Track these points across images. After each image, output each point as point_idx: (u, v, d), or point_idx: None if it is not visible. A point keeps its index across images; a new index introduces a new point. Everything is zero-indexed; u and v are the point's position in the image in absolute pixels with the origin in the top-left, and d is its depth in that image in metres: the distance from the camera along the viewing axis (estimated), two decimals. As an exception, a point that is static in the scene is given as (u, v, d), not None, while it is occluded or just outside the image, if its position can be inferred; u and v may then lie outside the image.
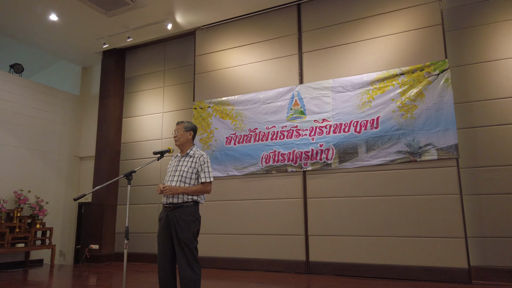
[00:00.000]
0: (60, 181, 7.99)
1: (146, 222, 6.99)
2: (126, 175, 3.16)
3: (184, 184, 3.11)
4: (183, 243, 2.98)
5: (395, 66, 5.36)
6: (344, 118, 5.53)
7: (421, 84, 5.14)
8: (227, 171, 6.24)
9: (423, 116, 5.06)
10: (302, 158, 5.71)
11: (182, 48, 7.47)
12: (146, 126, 7.52)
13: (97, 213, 7.29)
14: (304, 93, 5.89)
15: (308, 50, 6.05)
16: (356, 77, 5.56)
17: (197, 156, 3.24)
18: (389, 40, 5.50)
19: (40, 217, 6.94)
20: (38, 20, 6.72)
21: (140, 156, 7.43)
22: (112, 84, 7.76)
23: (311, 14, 6.12)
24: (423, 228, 4.86)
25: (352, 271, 5.15)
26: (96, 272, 6.09)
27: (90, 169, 8.05)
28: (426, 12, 5.31)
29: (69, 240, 8.07)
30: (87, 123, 8.53)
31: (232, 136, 6.36)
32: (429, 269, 4.74)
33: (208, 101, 6.66)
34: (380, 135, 5.26)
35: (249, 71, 6.46)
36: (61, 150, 8.07)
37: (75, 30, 7.09)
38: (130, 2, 6.17)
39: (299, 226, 5.61)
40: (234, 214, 6.12)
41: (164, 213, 3.14)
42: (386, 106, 5.31)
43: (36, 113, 7.61)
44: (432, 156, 4.93)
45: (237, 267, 5.90)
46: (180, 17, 6.70)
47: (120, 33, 7.16)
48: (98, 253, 7.06)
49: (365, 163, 5.29)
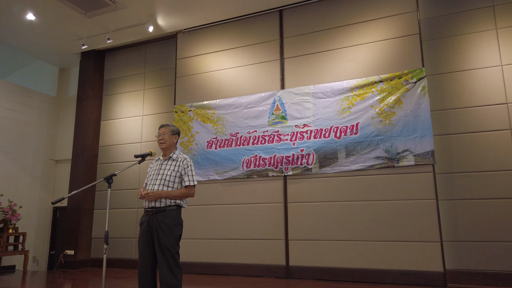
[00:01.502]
0: (35, 185, 7.75)
1: (124, 227, 6.86)
2: (106, 179, 3.10)
3: (167, 188, 3.08)
4: (165, 248, 2.95)
5: (374, 74, 5.48)
6: (324, 123, 5.61)
7: (399, 91, 5.26)
8: (208, 175, 6.20)
9: (401, 122, 5.18)
10: (283, 163, 5.75)
11: (163, 51, 7.41)
12: (125, 129, 7.40)
13: (73, 218, 7.10)
14: (285, 98, 5.94)
15: (289, 56, 6.11)
16: (337, 83, 5.65)
17: (181, 160, 3.22)
18: (368, 48, 5.62)
19: (12, 222, 6.70)
20: (14, 19, 6.54)
21: (119, 159, 7.29)
22: (90, 86, 7.61)
23: (293, 20, 6.19)
24: (400, 232, 4.96)
25: (331, 275, 5.19)
26: (71, 279, 5.93)
27: (66, 172, 7.85)
28: (404, 21, 5.46)
29: (43, 246, 7.83)
30: (63, 125, 8.33)
31: (213, 140, 6.34)
32: (405, 272, 4.84)
33: (189, 105, 6.62)
34: (359, 140, 5.36)
35: (231, 75, 6.47)
36: (36, 153, 7.84)
37: (53, 30, 6.93)
38: (110, 3, 6.08)
39: (280, 231, 5.63)
40: (214, 218, 6.08)
41: (145, 217, 3.09)
42: (365, 113, 5.41)
43: (10, 115, 7.38)
44: (409, 162, 5.05)
45: (217, 272, 5.86)
46: (162, 20, 6.66)
47: (99, 35, 7.04)
48: (73, 258, 6.87)
49: (344, 168, 5.37)
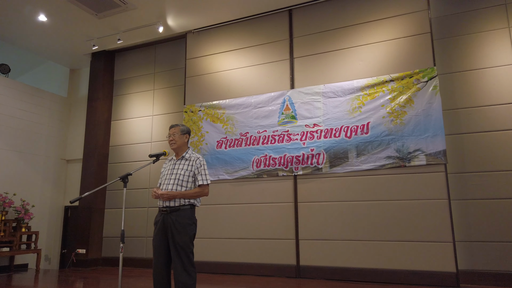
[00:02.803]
0: (47, 184, 7.84)
1: (135, 226, 6.90)
2: (122, 178, 3.13)
3: (181, 187, 3.11)
4: (179, 247, 2.97)
5: (385, 73, 5.46)
6: (334, 123, 5.59)
7: (410, 90, 5.24)
8: (218, 175, 6.22)
9: (412, 122, 5.16)
10: (293, 163, 5.75)
11: (173, 51, 7.45)
12: (136, 129, 7.45)
13: (84, 217, 7.17)
14: (295, 98, 5.94)
15: (299, 55, 6.11)
16: (347, 83, 5.64)
17: (193, 159, 3.24)
18: (379, 47, 5.59)
19: (25, 221, 6.79)
20: (27, 20, 6.62)
21: (129, 159, 7.35)
22: (101, 86, 7.68)
23: (303, 20, 6.19)
24: (412, 232, 4.94)
25: (342, 275, 5.19)
26: (82, 277, 5.99)
27: (77, 172, 7.93)
28: (415, 20, 5.43)
29: (54, 245, 7.91)
30: (74, 125, 8.41)
31: (223, 140, 6.36)
32: (417, 273, 4.82)
33: (199, 105, 6.65)
34: (370, 140, 5.34)
35: (240, 75, 6.48)
36: (48, 153, 7.93)
37: (64, 31, 7.00)
38: (121, 4, 6.13)
39: (290, 230, 5.63)
40: (224, 218, 6.10)
41: (160, 216, 3.12)
42: (376, 112, 5.39)
43: (22, 115, 7.47)
44: (420, 161, 5.02)
45: (228, 271, 5.88)
46: (172, 20, 6.69)
47: (110, 35, 7.09)
48: (85, 257, 6.94)
49: (355, 168, 5.36)
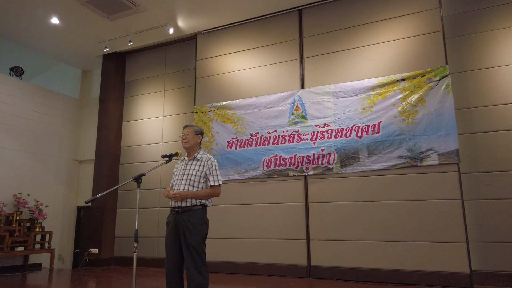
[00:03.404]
0: (59, 185, 7.95)
1: (146, 226, 6.96)
2: (135, 178, 3.16)
3: (192, 187, 3.13)
4: (192, 247, 2.99)
5: (396, 72, 5.42)
6: (345, 123, 5.57)
7: (422, 89, 5.19)
8: (228, 175, 6.24)
9: (424, 121, 5.11)
10: (304, 163, 5.74)
11: (183, 52, 7.50)
12: (147, 130, 7.52)
13: (96, 217, 7.26)
14: (305, 98, 5.93)
15: (309, 55, 6.10)
16: (357, 82, 5.61)
17: (205, 160, 3.26)
18: (390, 46, 5.55)
19: (39, 221, 6.90)
20: (39, 23, 6.72)
21: (141, 160, 7.42)
22: (112, 87, 7.76)
23: (313, 19, 6.18)
24: (425, 232, 4.89)
25: (353, 276, 5.16)
26: (95, 276, 6.06)
27: (89, 172, 8.02)
28: (427, 19, 5.38)
29: (68, 244, 8.02)
30: (86, 126, 8.51)
31: (233, 140, 6.38)
32: (430, 273, 4.77)
33: (209, 105, 6.68)
34: (381, 140, 5.31)
35: (250, 75, 6.49)
36: (61, 154, 8.04)
37: (76, 33, 7.10)
38: (132, 6, 6.19)
39: (301, 231, 5.62)
40: (235, 218, 6.12)
41: (172, 216, 3.14)
42: (387, 111, 5.35)
43: (35, 116, 7.59)
44: (433, 161, 4.97)
45: (238, 271, 5.89)
46: (182, 22, 6.73)
47: (121, 37, 7.17)
48: (97, 257, 7.02)
49: (366, 167, 5.33)
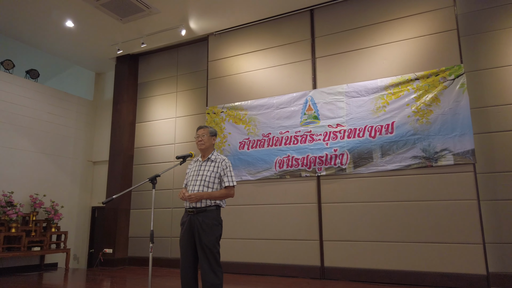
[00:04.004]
0: (74, 186, 8.07)
1: (159, 227, 7.01)
2: (151, 179, 3.19)
3: (207, 188, 3.15)
4: (206, 247, 3.01)
5: (409, 71, 5.37)
6: (358, 123, 5.54)
7: (437, 89, 5.13)
8: (241, 176, 6.25)
9: (438, 121, 5.05)
10: (316, 163, 5.72)
11: (195, 54, 7.54)
12: (159, 131, 7.58)
13: (110, 218, 7.34)
14: (317, 98, 5.91)
15: (321, 55, 6.08)
16: (370, 82, 5.57)
17: (219, 161, 3.28)
18: (403, 45, 5.50)
19: (55, 221, 7.01)
20: (54, 26, 6.84)
21: (154, 160, 7.48)
22: (125, 89, 7.85)
23: (325, 19, 6.16)
24: (440, 233, 4.83)
25: (367, 277, 5.13)
26: (110, 276, 6.13)
27: (103, 173, 8.13)
28: (441, 17, 5.31)
29: (82, 244, 8.13)
30: (100, 128, 8.62)
31: (245, 141, 6.39)
32: (446, 275, 4.71)
33: (221, 106, 6.70)
34: (395, 140, 5.26)
35: (262, 76, 6.50)
36: (75, 155, 8.16)
37: (90, 36, 7.20)
38: (145, 8, 6.25)
39: (314, 231, 5.61)
40: (247, 218, 6.13)
41: (187, 217, 3.17)
42: (401, 111, 5.31)
43: (51, 118, 7.72)
44: (448, 161, 4.91)
45: (251, 272, 5.90)
46: (194, 23, 6.77)
47: (134, 39, 7.25)
48: (112, 257, 7.11)
49: (380, 168, 5.29)
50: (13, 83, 7.12)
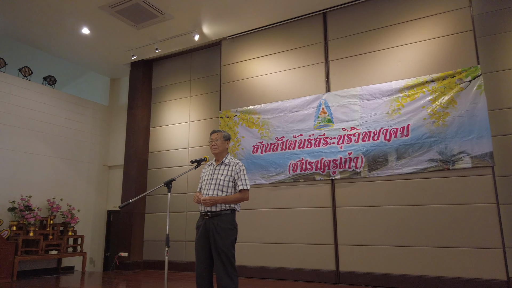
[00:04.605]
0: (90, 190, 8.19)
1: (173, 230, 7.04)
2: (166, 183, 3.21)
3: (221, 192, 3.15)
4: (221, 251, 3.01)
5: (425, 73, 5.30)
6: (373, 126, 5.49)
7: (453, 91, 5.05)
8: (254, 180, 6.25)
9: (455, 123, 4.97)
10: (330, 167, 5.68)
11: (208, 59, 7.60)
12: (173, 135, 7.64)
13: (125, 221, 7.42)
14: (331, 101, 5.88)
15: (334, 58, 6.05)
16: (385, 84, 5.52)
17: (233, 164, 3.28)
18: (418, 47, 5.44)
19: (72, 225, 7.11)
20: (71, 33, 6.97)
21: (168, 164, 7.54)
22: (140, 94, 7.94)
23: (337, 22, 6.13)
24: (458, 238, 4.74)
25: (384, 282, 5.05)
26: (125, 279, 6.19)
27: (118, 177, 8.22)
28: (456, 18, 5.24)
29: (98, 248, 8.23)
30: (115, 132, 8.74)
31: (258, 145, 6.39)
32: (465, 280, 4.61)
33: (234, 110, 6.73)
34: (411, 143, 5.19)
35: (275, 80, 6.50)
36: (91, 159, 8.28)
37: (105, 42, 7.32)
38: (159, 14, 6.32)
39: (328, 235, 5.56)
40: (261, 222, 6.12)
41: (202, 221, 3.18)
42: (416, 114, 5.24)
43: (67, 123, 7.86)
44: (466, 164, 4.82)
45: (266, 276, 5.88)
46: (207, 28, 6.83)
47: (148, 45, 7.34)
48: (127, 260, 7.17)
49: (396, 171, 5.22)
50: (31, 89, 7.28)
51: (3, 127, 6.71)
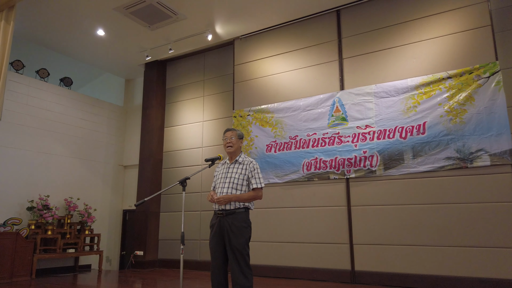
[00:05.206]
0: (106, 189, 8.30)
1: (188, 229, 7.07)
2: (181, 182, 3.23)
3: (235, 191, 3.16)
4: (236, 250, 3.01)
5: (441, 70, 5.21)
6: (388, 124, 5.42)
7: (470, 87, 4.95)
8: (268, 179, 6.24)
9: (473, 120, 4.87)
10: (345, 165, 5.63)
11: (221, 58, 7.61)
12: (187, 135, 7.69)
13: (141, 220, 7.50)
14: (345, 99, 5.83)
15: (348, 56, 6.00)
16: (400, 81, 5.45)
17: (247, 163, 3.28)
18: (434, 43, 5.35)
19: (88, 224, 7.22)
20: (86, 35, 7.07)
21: (182, 164, 7.59)
22: (154, 94, 8.02)
23: (351, 19, 6.07)
24: (476, 237, 4.65)
25: (400, 282, 4.98)
26: (141, 278, 6.25)
27: (133, 177, 8.31)
28: (474, 13, 5.13)
29: (114, 246, 8.33)
30: (130, 133, 8.84)
31: (272, 144, 6.38)
32: (484, 280, 4.51)
33: (247, 109, 6.73)
34: (427, 140, 5.11)
35: (288, 78, 6.48)
36: (107, 159, 8.39)
37: (120, 44, 7.40)
38: (172, 15, 6.37)
39: (343, 235, 5.51)
40: (275, 221, 6.10)
41: (216, 219, 3.18)
42: (433, 111, 5.15)
43: (83, 124, 7.98)
44: (484, 162, 4.72)
45: (280, 275, 5.86)
46: (220, 28, 6.84)
47: (162, 46, 7.39)
48: (143, 259, 7.24)
49: (412, 170, 5.14)
50: (48, 90, 7.42)
51: (22, 128, 6.86)
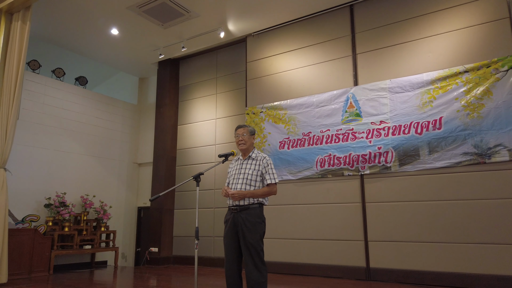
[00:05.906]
0: (121, 187, 8.40)
1: (202, 226, 7.11)
2: (195, 177, 3.24)
3: (249, 186, 3.15)
4: (250, 245, 3.01)
5: (457, 64, 5.11)
6: (403, 119, 5.34)
7: (488, 81, 4.84)
8: (281, 176, 6.22)
9: (491, 115, 4.76)
10: (359, 162, 5.57)
11: (234, 55, 7.62)
12: (200, 132, 7.72)
13: (155, 217, 7.57)
14: (359, 95, 5.77)
15: (362, 51, 5.93)
16: (415, 76, 5.36)
17: (260, 159, 3.27)
18: (450, 37, 5.25)
19: (104, 221, 7.32)
20: (100, 35, 7.15)
21: (195, 161, 7.63)
22: (167, 93, 8.07)
23: (365, 14, 6.00)
24: (495, 234, 4.55)
25: (416, 279, 4.92)
26: (156, 274, 6.31)
27: (148, 175, 8.40)
28: (491, 5, 5.01)
29: (130, 243, 8.44)
30: (144, 131, 8.92)
31: (285, 141, 6.35)
32: (503, 278, 4.42)
33: (260, 106, 6.71)
34: (443, 136, 5.02)
35: (301, 75, 6.44)
36: (121, 157, 8.49)
37: (133, 43, 7.47)
38: (185, 13, 6.39)
39: (358, 231, 5.46)
40: (289, 218, 6.09)
41: (230, 215, 3.19)
42: (449, 106, 5.05)
43: (98, 122, 8.09)
44: (503, 157, 4.61)
45: (294, 272, 5.85)
46: (232, 25, 6.84)
47: (175, 44, 7.43)
48: (157, 255, 7.32)
49: (428, 165, 5.06)
50: (64, 90, 7.54)
51: (38, 126, 6.98)
